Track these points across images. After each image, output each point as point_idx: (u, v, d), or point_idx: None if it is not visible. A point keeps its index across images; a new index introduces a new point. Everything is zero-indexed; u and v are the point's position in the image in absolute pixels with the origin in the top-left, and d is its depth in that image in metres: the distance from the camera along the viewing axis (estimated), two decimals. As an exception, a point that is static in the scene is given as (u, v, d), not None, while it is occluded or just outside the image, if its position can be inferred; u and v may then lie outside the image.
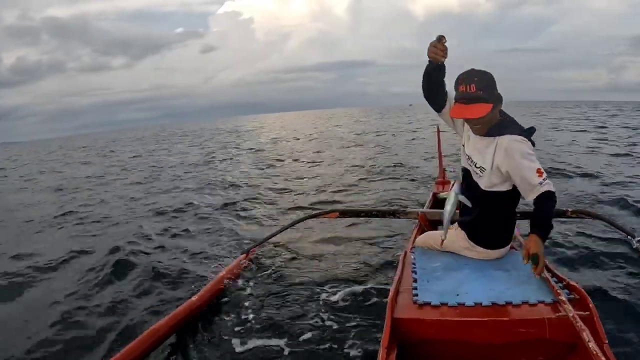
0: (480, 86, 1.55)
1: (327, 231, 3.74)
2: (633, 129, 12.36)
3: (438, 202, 3.25)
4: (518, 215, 1.94)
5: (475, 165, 1.73)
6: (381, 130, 18.51)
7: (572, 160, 6.88)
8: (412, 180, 6.11)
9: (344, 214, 3.02)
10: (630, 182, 5.08)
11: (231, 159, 11.05)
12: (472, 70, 1.61)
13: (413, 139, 13.33)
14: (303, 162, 9.31)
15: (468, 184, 1.78)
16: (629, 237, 2.54)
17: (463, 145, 1.83)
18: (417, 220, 2.64)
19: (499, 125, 1.64)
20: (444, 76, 1.74)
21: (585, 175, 5.63)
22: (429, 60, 1.70)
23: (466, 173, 1.80)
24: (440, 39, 1.64)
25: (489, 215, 1.72)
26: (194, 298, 2.21)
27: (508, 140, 1.58)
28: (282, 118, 65.49)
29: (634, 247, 2.56)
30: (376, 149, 10.84)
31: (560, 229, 3.24)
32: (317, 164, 8.80)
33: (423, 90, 1.82)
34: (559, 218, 2.93)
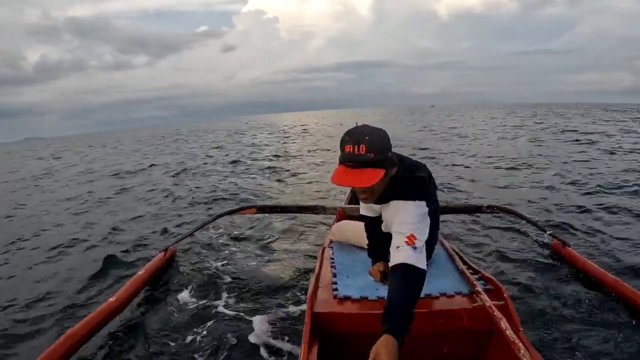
0: (371, 147, 1.23)
1: (246, 228, 3.67)
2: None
3: (357, 198, 3.31)
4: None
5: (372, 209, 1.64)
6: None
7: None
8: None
9: (262, 209, 3.00)
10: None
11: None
12: (364, 126, 1.31)
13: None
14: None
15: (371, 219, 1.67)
16: (540, 231, 2.78)
17: None
18: (335, 216, 2.67)
19: (392, 189, 1.38)
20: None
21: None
22: None
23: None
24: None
25: None
26: (111, 299, 2.05)
27: (400, 206, 1.37)
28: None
29: (545, 240, 2.80)
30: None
31: (476, 223, 3.44)
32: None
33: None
34: (475, 213, 3.12)
